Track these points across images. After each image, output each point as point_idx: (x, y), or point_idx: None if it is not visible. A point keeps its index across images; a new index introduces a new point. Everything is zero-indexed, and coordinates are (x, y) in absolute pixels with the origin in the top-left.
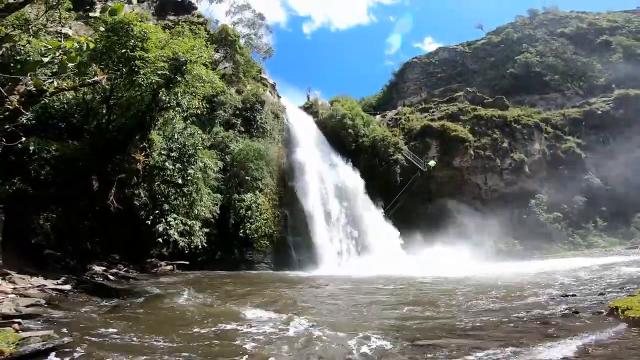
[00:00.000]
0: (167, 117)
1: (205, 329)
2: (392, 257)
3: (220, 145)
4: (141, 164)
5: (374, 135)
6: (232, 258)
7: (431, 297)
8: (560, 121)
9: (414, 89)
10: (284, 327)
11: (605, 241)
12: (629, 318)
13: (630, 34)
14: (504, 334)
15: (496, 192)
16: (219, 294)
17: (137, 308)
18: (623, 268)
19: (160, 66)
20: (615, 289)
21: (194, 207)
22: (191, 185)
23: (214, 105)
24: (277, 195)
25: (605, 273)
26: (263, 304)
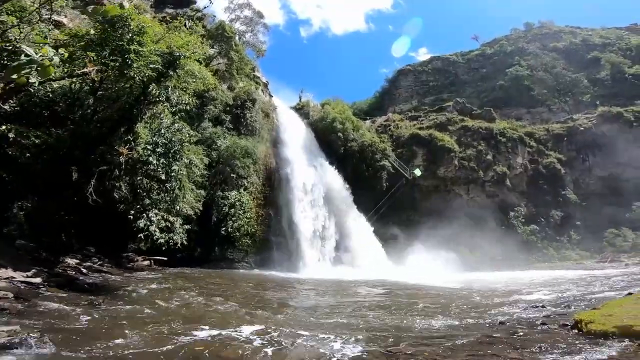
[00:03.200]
0: (155, 111)
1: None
2: (374, 263)
3: (208, 141)
4: (124, 157)
5: (362, 140)
6: (212, 256)
7: (407, 304)
8: (544, 136)
9: (406, 96)
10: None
11: (578, 254)
12: (590, 331)
13: (620, 51)
14: (474, 344)
15: (477, 203)
16: (197, 292)
17: (107, 302)
18: (592, 281)
19: (154, 60)
20: (583, 302)
21: (176, 204)
22: (175, 181)
23: (205, 100)
24: (262, 195)
25: (576, 285)
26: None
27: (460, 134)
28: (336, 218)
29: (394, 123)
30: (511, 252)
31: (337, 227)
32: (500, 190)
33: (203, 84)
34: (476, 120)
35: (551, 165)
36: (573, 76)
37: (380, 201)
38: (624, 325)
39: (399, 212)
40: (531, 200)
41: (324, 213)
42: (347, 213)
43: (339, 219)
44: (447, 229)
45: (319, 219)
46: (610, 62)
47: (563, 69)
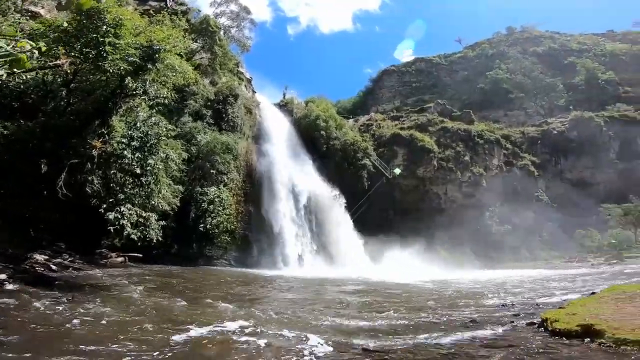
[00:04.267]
0: (131, 105)
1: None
2: (355, 261)
3: (187, 135)
4: (97, 150)
5: (345, 139)
6: (190, 253)
7: (385, 302)
8: (520, 138)
9: (389, 96)
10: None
11: (548, 254)
12: (555, 330)
13: (595, 57)
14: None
15: (455, 203)
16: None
17: (76, 300)
18: (560, 281)
19: (132, 53)
20: (551, 301)
21: (151, 199)
22: (150, 176)
23: (185, 95)
24: (242, 191)
25: (545, 284)
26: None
27: (439, 134)
28: (318, 216)
29: (376, 123)
30: (486, 251)
31: (319, 225)
32: (476, 191)
33: (183, 78)
34: (456, 122)
35: (525, 167)
36: (549, 80)
37: (361, 200)
38: (586, 324)
39: (379, 210)
40: (506, 201)
41: (305, 210)
42: (329, 211)
43: (320, 217)
44: (425, 228)
45: (300, 217)
46: (585, 67)
47: (540, 73)
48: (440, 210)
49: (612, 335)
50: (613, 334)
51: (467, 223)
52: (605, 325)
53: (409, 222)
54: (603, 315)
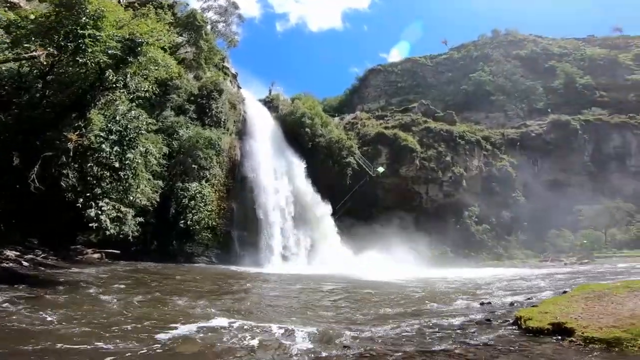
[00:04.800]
0: (111, 98)
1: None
2: (338, 258)
3: (169, 130)
4: (73, 143)
5: (330, 137)
6: (170, 249)
7: (366, 299)
8: (499, 140)
9: (374, 95)
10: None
11: (523, 253)
12: (528, 327)
13: (575, 61)
14: (423, 337)
15: (435, 202)
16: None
17: (48, 298)
18: (534, 279)
19: (112, 46)
20: (525, 299)
21: (129, 193)
22: (129, 170)
23: (168, 89)
24: (225, 187)
25: (520, 283)
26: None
27: (422, 134)
28: (301, 213)
29: (361, 121)
30: (464, 249)
31: (302, 222)
32: (456, 191)
33: (166, 72)
34: (438, 122)
35: (504, 168)
36: (530, 83)
37: (345, 197)
38: (557, 322)
39: (362, 208)
40: (484, 201)
41: (288, 207)
42: (313, 208)
43: (304, 214)
44: (407, 227)
45: (284, 214)
46: (564, 71)
47: (521, 76)
48: (421, 209)
49: (582, 334)
50: (582, 332)
51: (447, 222)
52: (575, 324)
53: (391, 220)
54: (573, 314)
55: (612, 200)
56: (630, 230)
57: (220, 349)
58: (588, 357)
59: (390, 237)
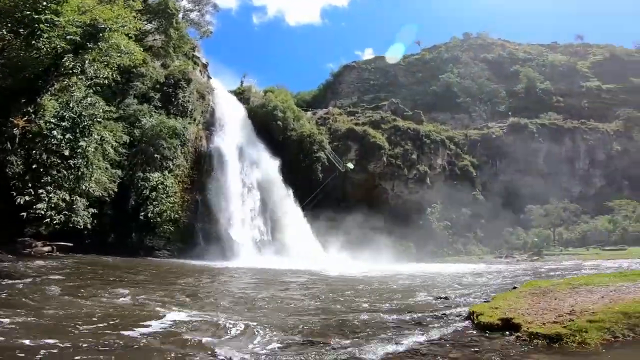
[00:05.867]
0: (67, 84)
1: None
2: (305, 252)
3: (131, 118)
4: (19, 129)
5: (302, 131)
6: (128, 243)
7: (331, 293)
8: (462, 140)
9: (348, 92)
10: (175, 323)
11: (481, 250)
12: (480, 322)
13: (537, 66)
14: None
15: (400, 198)
16: (105, 282)
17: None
18: (489, 275)
19: (72, 31)
20: (480, 294)
21: (82, 182)
22: (81, 158)
23: (132, 76)
24: (189, 179)
25: (477, 279)
26: (152, 292)
27: (391, 132)
28: (270, 206)
29: (333, 117)
30: (427, 245)
31: (270, 215)
32: (420, 188)
33: (130, 59)
34: (407, 121)
35: (465, 167)
36: (494, 87)
37: (314, 192)
38: (506, 318)
39: (330, 203)
40: (446, 199)
41: (256, 201)
42: (281, 202)
43: (272, 207)
44: (373, 222)
45: (251, 207)
46: (527, 76)
47: (487, 80)
48: (387, 205)
49: (527, 329)
50: (527, 327)
51: (411, 218)
52: (522, 320)
53: (358, 215)
54: (520, 310)
55: (561, 201)
56: (576, 229)
57: (178, 348)
58: (532, 353)
59: (358, 232)
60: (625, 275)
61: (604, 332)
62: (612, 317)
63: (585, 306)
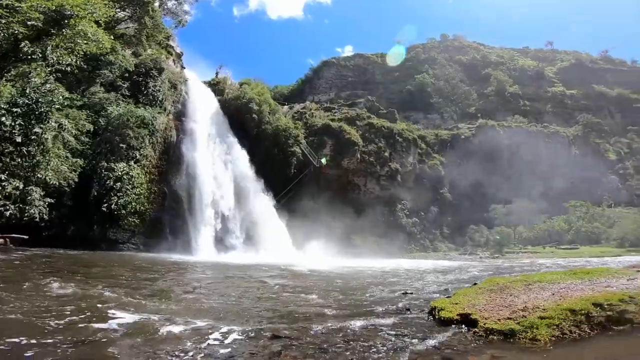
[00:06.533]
0: (25, 70)
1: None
2: (276, 247)
3: (96, 106)
4: None
5: (277, 125)
6: (90, 235)
7: (298, 288)
8: (433, 140)
9: (326, 87)
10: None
11: (447, 247)
12: (441, 318)
13: (508, 70)
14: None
15: (372, 194)
16: (62, 278)
17: None
18: (453, 271)
19: (34, 17)
20: (443, 289)
21: (37, 171)
22: (36, 146)
23: (99, 64)
24: (157, 170)
25: (441, 274)
26: (108, 286)
27: (365, 129)
28: (241, 200)
29: (310, 111)
30: (396, 241)
31: (242, 209)
32: (391, 185)
33: (97, 47)
34: (381, 119)
35: (435, 166)
36: (466, 88)
37: (288, 186)
38: (464, 313)
39: (304, 198)
40: (415, 196)
41: (227, 194)
42: (253, 195)
43: (244, 201)
44: (345, 217)
45: (221, 200)
46: (497, 80)
47: (460, 81)
48: (359, 201)
49: (483, 325)
50: (484, 323)
51: (381, 214)
52: (479, 315)
53: (331, 210)
54: (478, 305)
55: (522, 201)
56: (534, 228)
57: (140, 344)
58: (487, 348)
59: (330, 227)
60: (574, 273)
61: (553, 328)
62: (561, 313)
63: (537, 303)
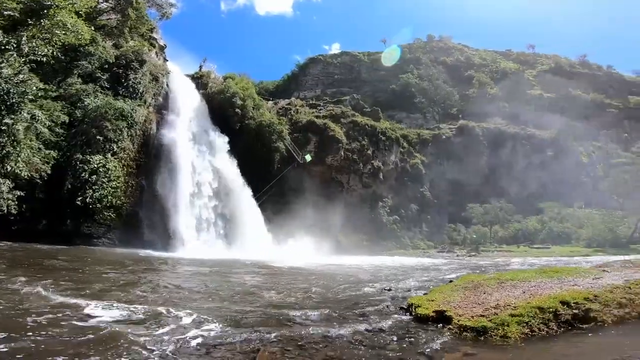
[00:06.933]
0: None
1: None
2: (258, 244)
3: (73, 98)
4: None
5: (261, 120)
6: (63, 230)
7: (278, 284)
8: (415, 139)
9: (312, 84)
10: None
11: (426, 244)
12: (417, 314)
13: (490, 72)
14: (325, 321)
15: (355, 192)
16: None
17: None
18: (431, 268)
19: (10, 7)
20: (422, 286)
21: (6, 162)
22: (6, 137)
23: (78, 55)
24: (135, 163)
25: (420, 271)
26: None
27: (349, 127)
28: (222, 195)
29: (295, 108)
30: (377, 239)
31: (222, 205)
32: (374, 182)
33: (76, 38)
34: (365, 117)
35: (416, 165)
36: (449, 89)
37: (271, 182)
38: (440, 310)
39: (286, 194)
40: (396, 194)
41: (207, 189)
42: (234, 191)
43: (224, 196)
44: (328, 214)
45: (201, 195)
46: (479, 81)
47: (443, 82)
48: (342, 198)
49: (457, 322)
50: (458, 320)
51: (363, 211)
52: (453, 312)
53: (313, 207)
54: (453, 302)
55: (498, 200)
56: (510, 228)
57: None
58: (461, 345)
59: (312, 224)
60: (545, 272)
61: (523, 326)
62: (530, 311)
63: (508, 300)
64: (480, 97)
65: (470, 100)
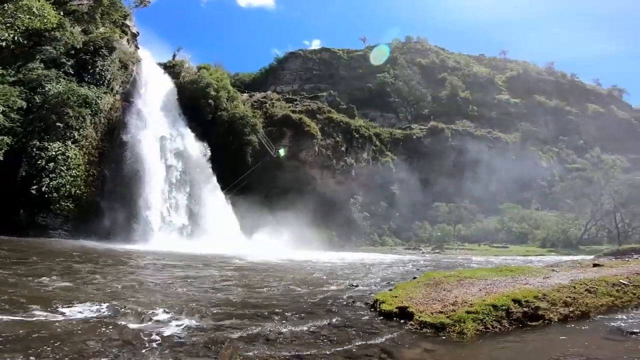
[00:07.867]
0: None
1: None
2: (226, 237)
3: (33, 83)
4: None
5: (234, 112)
6: (15, 220)
7: (247, 278)
8: (387, 138)
9: (290, 78)
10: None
11: (394, 241)
12: (382, 310)
13: (462, 76)
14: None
15: (327, 187)
16: None
17: None
18: (398, 264)
19: None
20: (388, 282)
21: None
22: None
23: (43, 39)
24: (97, 151)
25: (387, 268)
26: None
27: (324, 123)
28: (189, 186)
29: (270, 101)
30: (347, 234)
31: (189, 196)
32: (346, 179)
33: (41, 22)
34: (340, 114)
35: (387, 163)
36: (423, 91)
37: (242, 175)
38: (402, 306)
39: (258, 188)
40: (367, 191)
41: (175, 180)
42: (203, 183)
43: (192, 188)
44: (300, 209)
45: (168, 186)
46: (451, 84)
47: (417, 83)
48: (314, 194)
49: (418, 318)
50: (419, 316)
51: (335, 207)
52: (415, 309)
53: (286, 201)
54: (415, 299)
55: (463, 200)
56: (472, 227)
57: (70, 336)
58: (420, 341)
59: (283, 219)
60: (500, 270)
61: (478, 323)
62: (485, 309)
63: (466, 298)
64: (451, 99)
65: (441, 102)
